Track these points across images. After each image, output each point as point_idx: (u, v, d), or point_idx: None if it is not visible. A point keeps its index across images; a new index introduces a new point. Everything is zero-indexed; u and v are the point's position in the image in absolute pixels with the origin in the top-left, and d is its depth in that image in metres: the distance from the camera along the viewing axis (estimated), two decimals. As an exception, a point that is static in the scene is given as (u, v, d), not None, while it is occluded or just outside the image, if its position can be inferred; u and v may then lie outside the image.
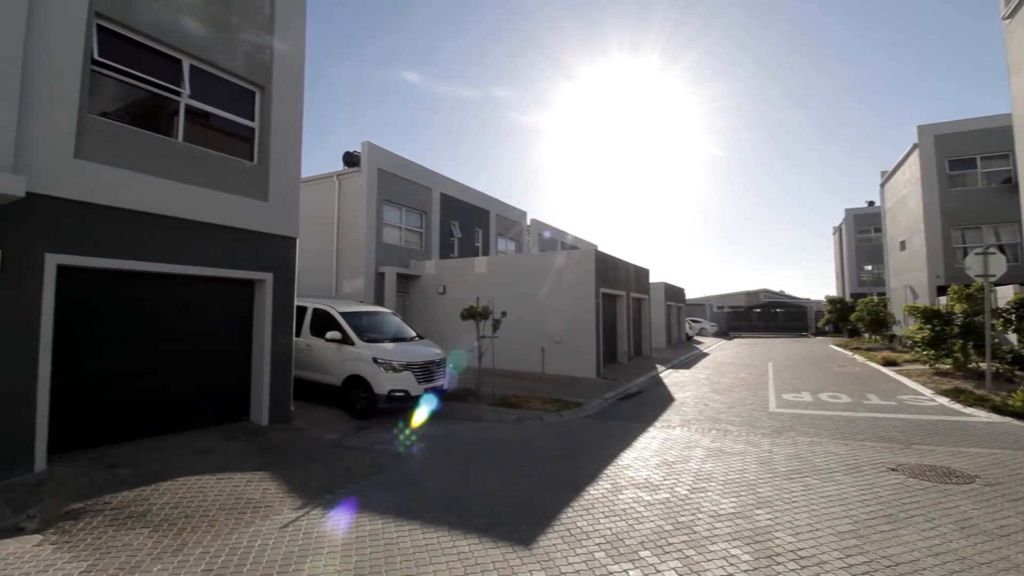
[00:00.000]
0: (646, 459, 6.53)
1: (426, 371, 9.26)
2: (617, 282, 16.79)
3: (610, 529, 4.41)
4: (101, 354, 6.46)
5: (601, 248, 27.61)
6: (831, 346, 26.93)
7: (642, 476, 5.84)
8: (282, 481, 5.55)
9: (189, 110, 7.34)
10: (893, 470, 6.01)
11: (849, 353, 21.87)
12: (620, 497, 5.17)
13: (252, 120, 8.19)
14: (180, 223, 7.01)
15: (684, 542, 4.17)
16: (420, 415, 8.88)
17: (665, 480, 5.69)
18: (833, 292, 43.47)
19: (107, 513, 4.61)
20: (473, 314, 10.34)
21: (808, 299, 49.18)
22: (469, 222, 20.90)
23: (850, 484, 5.55)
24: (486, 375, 10.81)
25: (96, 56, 6.29)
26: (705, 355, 22.58)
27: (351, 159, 16.45)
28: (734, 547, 4.08)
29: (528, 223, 26.10)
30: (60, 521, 4.45)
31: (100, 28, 6.36)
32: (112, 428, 6.54)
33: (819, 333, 39.69)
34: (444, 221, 19.34)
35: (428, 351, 9.76)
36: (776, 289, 56.53)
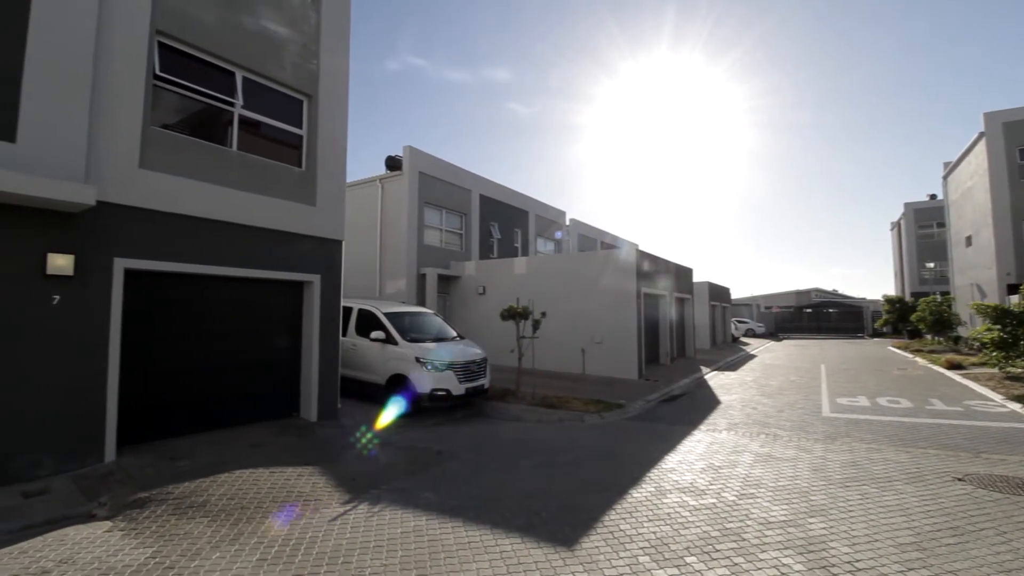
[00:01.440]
0: (691, 463, 6.38)
1: (467, 371, 9.35)
2: (659, 282, 16.48)
3: (654, 533, 4.33)
4: (162, 352, 6.84)
5: (642, 247, 27.18)
6: (890, 348, 25.57)
7: (687, 480, 5.71)
8: (330, 476, 5.73)
9: (242, 120, 7.68)
10: (960, 480, 5.65)
11: (909, 355, 20.71)
12: (664, 501, 5.07)
13: (300, 128, 8.49)
14: (234, 228, 7.34)
15: (732, 549, 4.05)
16: (461, 415, 8.98)
17: (711, 485, 5.54)
18: (891, 291, 41.29)
19: (170, 502, 4.88)
20: (513, 314, 10.37)
21: (864, 298, 46.87)
22: (508, 223, 20.98)
23: (912, 494, 5.26)
24: (526, 375, 10.82)
25: (157, 71, 6.68)
26: (752, 357, 21.86)
27: (393, 163, 16.81)
28: (786, 556, 3.93)
29: (567, 223, 25.96)
30: (127, 509, 4.74)
31: (161, 45, 6.75)
32: (173, 422, 6.92)
33: (876, 334, 37.73)
34: (483, 222, 19.49)
35: (469, 351, 9.85)
36: (829, 288, 54.19)
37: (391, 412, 8.67)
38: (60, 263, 5.58)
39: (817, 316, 43.30)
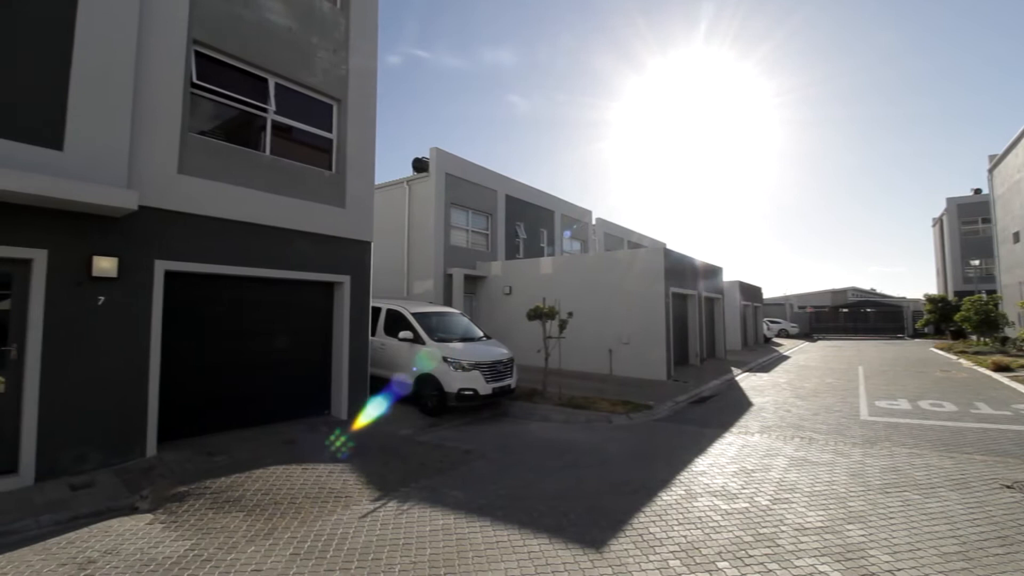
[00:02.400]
0: (722, 466, 6.26)
1: (494, 370, 9.37)
2: (688, 281, 16.22)
3: (685, 537, 4.26)
4: (199, 351, 7.06)
5: (670, 246, 26.83)
6: (932, 349, 24.57)
7: (718, 483, 5.60)
8: (361, 473, 5.82)
9: (274, 125, 7.88)
10: (1008, 487, 5.39)
11: (953, 357, 19.86)
12: (695, 504, 4.98)
13: (330, 131, 8.66)
14: (267, 230, 7.54)
15: (766, 555, 3.95)
16: (488, 414, 9.01)
17: (744, 489, 5.42)
18: (933, 290, 39.69)
19: (207, 497, 5.03)
20: (539, 314, 10.35)
21: (904, 298, 45.13)
22: (534, 223, 20.95)
23: (956, 501, 5.04)
24: (552, 375, 10.79)
25: (195, 79, 6.90)
26: (786, 358, 21.31)
27: (420, 165, 16.98)
28: (823, 563, 3.82)
29: (593, 222, 25.79)
30: (168, 502, 4.91)
31: (198, 54, 6.97)
32: (209, 418, 7.14)
33: (917, 335, 36.32)
34: (509, 222, 19.52)
35: (496, 351, 9.87)
36: (866, 287, 52.31)
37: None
38: (105, 265, 5.82)
39: (854, 316, 41.88)
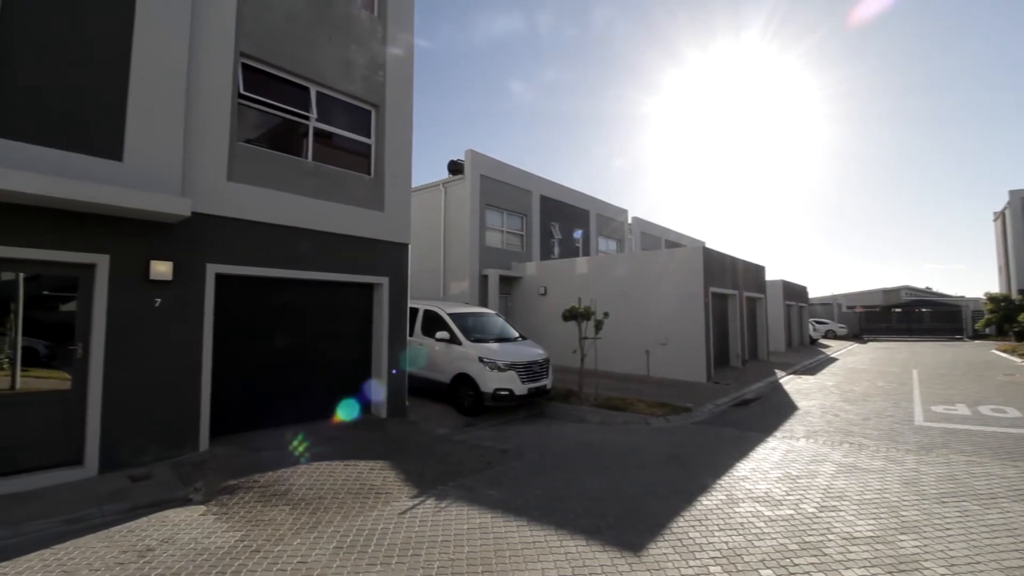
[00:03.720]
0: (765, 471, 6.09)
1: (530, 371, 9.39)
2: (728, 281, 15.81)
3: (726, 543, 4.17)
4: (246, 351, 7.35)
5: (710, 245, 26.24)
6: (993, 351, 23.15)
7: (761, 489, 5.45)
8: (400, 471, 5.94)
9: (316, 132, 8.13)
10: (1082, 500, 5.04)
11: (1017, 360, 18.66)
12: (736, 510, 4.87)
13: (369, 137, 8.88)
14: (311, 234, 7.78)
15: (812, 564, 3.83)
16: (524, 415, 9.03)
17: (788, 495, 5.26)
18: (994, 288, 37.39)
19: (256, 490, 5.24)
20: (575, 315, 10.30)
21: (962, 297, 42.72)
22: (569, 223, 20.86)
23: (1020, 512, 4.75)
24: (589, 376, 10.72)
25: (241, 90, 7.20)
26: (833, 360, 20.49)
27: (455, 167, 17.17)
28: (873, 574, 3.67)
29: (629, 221, 25.48)
30: (219, 495, 5.14)
31: (244, 66, 7.27)
32: (256, 415, 7.41)
33: (977, 336, 34.30)
34: (544, 223, 19.50)
35: (531, 351, 9.89)
36: (921, 286, 49.80)
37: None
38: (161, 269, 6.14)
39: (907, 316, 39.85)
